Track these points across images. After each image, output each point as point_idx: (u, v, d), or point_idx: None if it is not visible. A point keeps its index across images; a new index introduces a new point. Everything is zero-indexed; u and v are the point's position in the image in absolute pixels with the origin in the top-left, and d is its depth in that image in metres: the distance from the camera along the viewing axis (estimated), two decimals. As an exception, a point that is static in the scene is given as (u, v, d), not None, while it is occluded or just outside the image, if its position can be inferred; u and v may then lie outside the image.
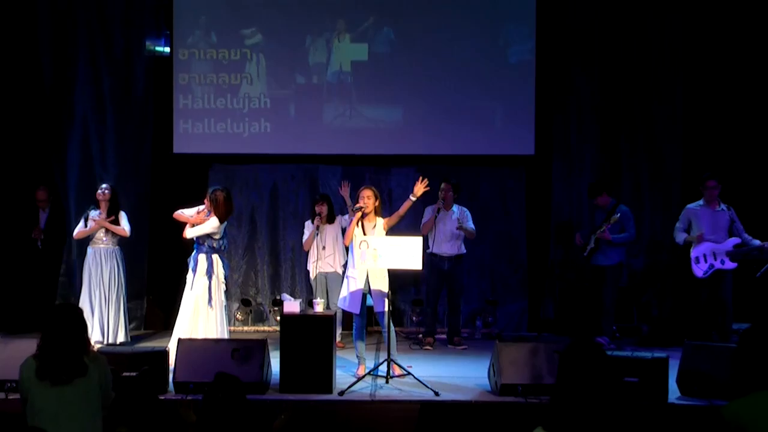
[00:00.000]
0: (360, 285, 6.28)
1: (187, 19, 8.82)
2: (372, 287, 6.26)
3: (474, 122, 8.76)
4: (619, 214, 7.64)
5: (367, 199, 6.33)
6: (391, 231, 6.45)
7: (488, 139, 8.78)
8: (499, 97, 8.77)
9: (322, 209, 7.70)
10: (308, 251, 7.91)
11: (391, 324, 6.33)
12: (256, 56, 8.81)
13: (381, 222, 6.37)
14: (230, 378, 3.60)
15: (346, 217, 7.78)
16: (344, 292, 6.44)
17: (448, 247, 7.75)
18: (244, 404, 3.51)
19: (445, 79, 8.74)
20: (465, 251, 7.89)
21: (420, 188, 6.24)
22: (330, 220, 7.80)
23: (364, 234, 6.28)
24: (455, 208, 7.82)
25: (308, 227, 7.90)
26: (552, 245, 8.86)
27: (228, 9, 8.84)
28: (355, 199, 6.48)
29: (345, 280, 6.50)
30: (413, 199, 6.25)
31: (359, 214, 6.31)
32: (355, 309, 6.35)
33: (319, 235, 7.66)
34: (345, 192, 7.06)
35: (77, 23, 8.63)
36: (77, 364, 3.76)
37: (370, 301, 6.35)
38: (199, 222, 6.71)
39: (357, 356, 6.47)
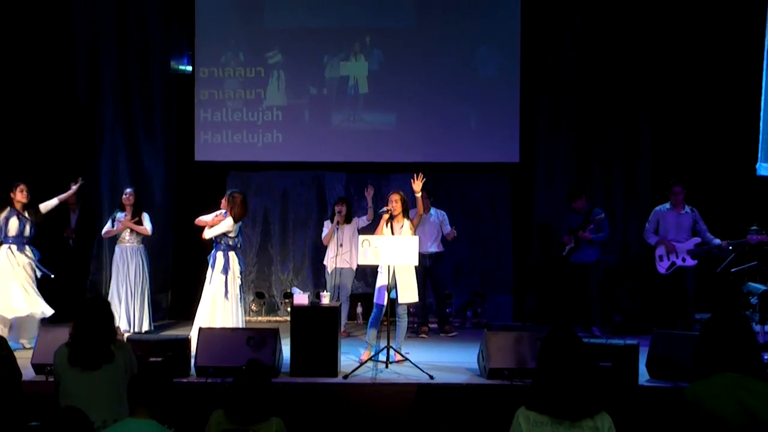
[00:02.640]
0: (386, 280, 6.25)
1: (213, 41, 8.83)
2: (398, 281, 6.23)
3: (464, 133, 8.79)
4: (600, 215, 7.68)
5: (395, 202, 6.37)
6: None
7: (477, 148, 8.79)
8: (488, 111, 8.78)
9: (342, 209, 7.73)
10: (327, 246, 7.93)
11: (406, 315, 6.42)
12: (277, 72, 8.83)
13: (408, 223, 6.39)
14: (260, 365, 3.70)
15: (363, 218, 7.85)
16: (377, 285, 6.47)
17: (428, 246, 7.77)
18: (269, 387, 3.58)
19: (439, 95, 8.75)
20: (443, 249, 7.95)
21: (418, 184, 6.30)
22: (348, 220, 7.83)
23: (392, 234, 6.30)
24: (433, 210, 7.87)
25: (327, 225, 7.93)
26: (535, 245, 8.88)
27: (253, 33, 8.85)
28: (384, 202, 6.52)
29: (378, 275, 6.51)
30: (419, 195, 6.33)
31: (387, 215, 6.34)
32: (380, 300, 6.34)
33: (338, 232, 7.67)
34: (369, 194, 7.46)
35: (106, 42, 8.64)
36: (105, 351, 3.79)
37: (393, 295, 6.28)
38: (217, 223, 6.75)
39: (366, 341, 6.46)
